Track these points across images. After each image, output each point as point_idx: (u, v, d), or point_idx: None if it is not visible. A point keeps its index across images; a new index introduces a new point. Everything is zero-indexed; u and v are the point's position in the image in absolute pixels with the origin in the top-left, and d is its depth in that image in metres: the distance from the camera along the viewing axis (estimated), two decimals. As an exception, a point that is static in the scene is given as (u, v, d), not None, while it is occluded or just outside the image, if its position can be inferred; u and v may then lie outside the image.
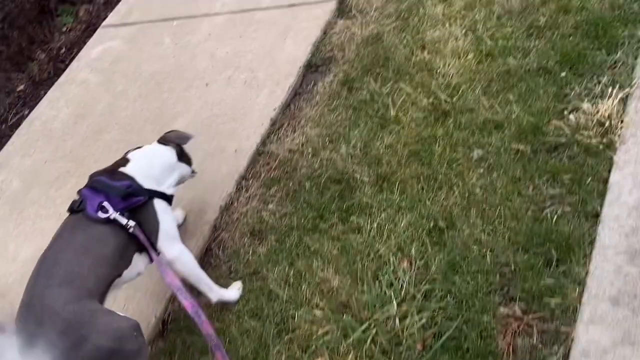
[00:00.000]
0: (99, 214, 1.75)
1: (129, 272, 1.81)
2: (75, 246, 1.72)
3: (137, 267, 1.85)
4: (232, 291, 2.08)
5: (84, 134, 3.06)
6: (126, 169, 1.96)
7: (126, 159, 2.04)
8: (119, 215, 1.75)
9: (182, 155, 2.21)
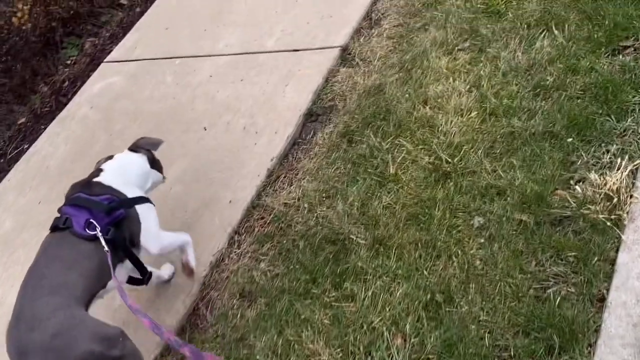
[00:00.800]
0: (87, 231, 1.83)
1: (112, 284, 1.88)
2: (62, 260, 1.81)
3: (117, 280, 1.90)
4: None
5: (80, 174, 2.99)
6: (101, 179, 2.04)
7: (100, 169, 2.11)
8: (100, 234, 1.83)
9: (153, 161, 2.30)
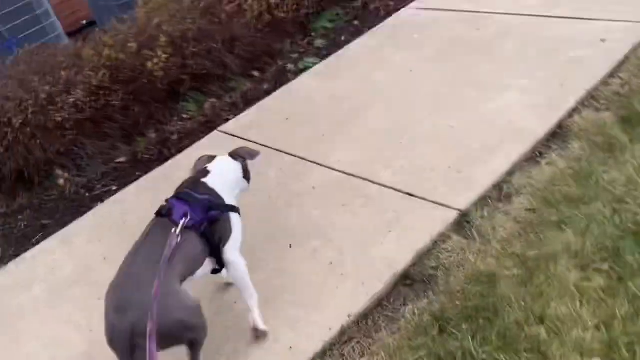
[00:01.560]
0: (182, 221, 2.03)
1: (200, 272, 2.11)
2: (163, 242, 1.95)
3: (205, 269, 2.14)
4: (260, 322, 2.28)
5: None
6: (208, 181, 2.25)
7: (207, 170, 2.31)
8: (182, 222, 2.03)
9: (246, 171, 2.45)
